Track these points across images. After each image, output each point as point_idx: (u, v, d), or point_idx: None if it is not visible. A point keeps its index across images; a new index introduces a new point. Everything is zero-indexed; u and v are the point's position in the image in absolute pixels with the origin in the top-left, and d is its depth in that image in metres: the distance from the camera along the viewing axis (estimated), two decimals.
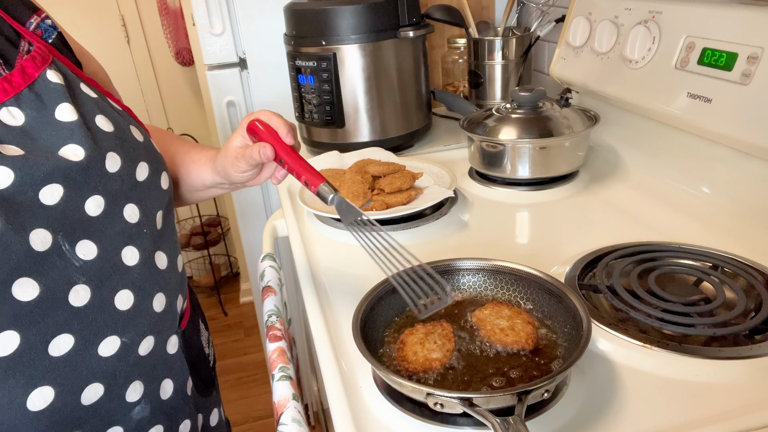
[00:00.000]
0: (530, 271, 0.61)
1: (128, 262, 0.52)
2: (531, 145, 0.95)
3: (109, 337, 0.50)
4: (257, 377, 2.15)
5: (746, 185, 0.81)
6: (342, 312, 0.70)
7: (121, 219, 0.51)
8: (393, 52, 1.13)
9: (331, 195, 0.60)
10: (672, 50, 0.88)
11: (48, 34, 0.55)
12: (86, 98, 0.52)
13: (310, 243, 0.88)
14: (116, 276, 0.51)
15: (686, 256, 0.72)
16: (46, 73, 0.49)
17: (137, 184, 0.53)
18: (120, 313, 0.51)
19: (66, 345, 0.47)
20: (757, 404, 0.51)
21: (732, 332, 0.58)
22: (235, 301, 2.63)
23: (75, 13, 2.27)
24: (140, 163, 0.54)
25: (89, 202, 0.48)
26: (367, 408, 0.54)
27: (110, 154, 0.50)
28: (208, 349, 0.72)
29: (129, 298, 0.52)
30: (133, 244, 0.52)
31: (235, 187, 0.70)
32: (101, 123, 0.51)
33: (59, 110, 0.49)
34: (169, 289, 0.57)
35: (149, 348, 0.55)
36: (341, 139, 1.18)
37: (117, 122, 0.53)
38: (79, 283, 0.47)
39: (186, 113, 2.56)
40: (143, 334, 0.54)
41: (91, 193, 0.49)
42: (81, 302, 0.47)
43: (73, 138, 0.48)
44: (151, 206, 0.55)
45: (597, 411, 0.51)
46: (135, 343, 0.53)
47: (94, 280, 0.49)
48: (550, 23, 1.30)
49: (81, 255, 0.48)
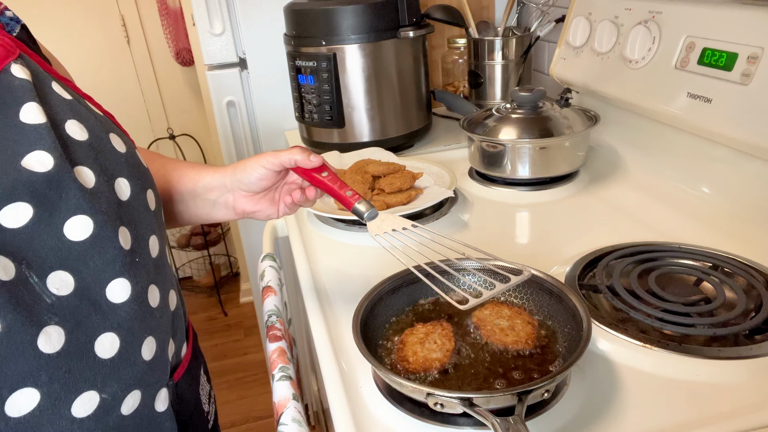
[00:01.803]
0: (530, 271, 0.61)
1: (114, 298, 0.43)
2: (531, 145, 0.95)
3: (86, 393, 0.41)
4: (257, 377, 2.15)
5: (746, 185, 0.81)
6: (342, 312, 0.70)
7: (115, 245, 0.43)
8: (393, 52, 1.13)
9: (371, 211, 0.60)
10: (672, 50, 0.88)
11: (10, 27, 0.47)
12: (58, 99, 0.44)
13: (310, 243, 0.88)
14: (97, 316, 0.41)
15: (686, 256, 0.72)
16: (10, 67, 0.41)
17: (122, 204, 0.45)
18: (101, 362, 0.41)
19: (28, 403, 0.38)
20: (757, 404, 0.51)
21: (732, 332, 0.58)
22: (235, 301, 2.63)
23: (75, 14, 2.27)
24: (119, 179, 0.45)
25: (70, 224, 0.40)
26: (367, 408, 0.54)
27: (80, 169, 0.42)
28: (209, 406, 0.61)
29: (113, 343, 0.42)
30: (125, 276, 0.43)
31: (229, 205, 0.64)
32: (73, 129, 0.43)
33: (24, 111, 0.40)
34: (161, 332, 0.48)
35: (134, 405, 0.45)
36: (341, 139, 1.18)
37: (93, 129, 0.45)
38: (50, 324, 0.38)
39: (186, 113, 2.55)
40: (128, 388, 0.44)
41: (74, 212, 0.40)
42: (53, 348, 0.38)
43: (40, 143, 0.40)
44: (141, 231, 0.47)
45: (597, 411, 0.51)
46: (117, 399, 0.44)
47: (70, 320, 0.40)
48: (550, 23, 1.30)
49: (53, 289, 0.39)
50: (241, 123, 1.44)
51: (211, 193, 0.63)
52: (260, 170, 0.60)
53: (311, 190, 0.63)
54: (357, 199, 0.60)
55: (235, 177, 0.61)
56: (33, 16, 2.20)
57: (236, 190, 0.62)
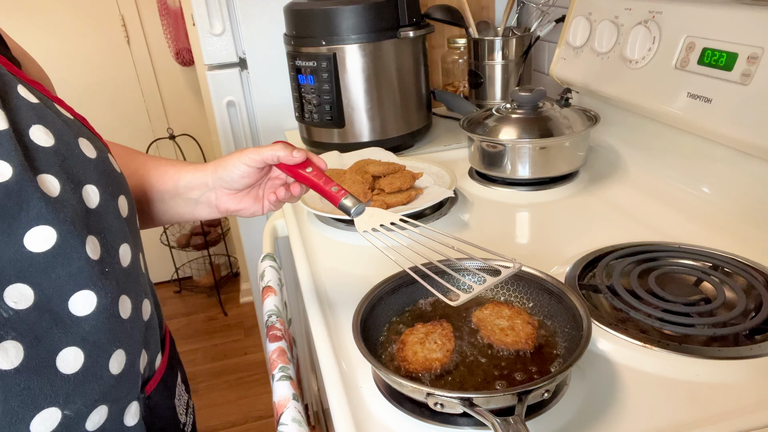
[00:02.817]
0: (530, 271, 0.61)
1: (77, 311, 0.41)
2: (531, 145, 0.95)
3: (47, 410, 0.39)
4: (257, 377, 2.15)
5: (746, 185, 0.81)
6: (342, 312, 0.70)
7: (80, 255, 0.41)
8: (393, 52, 1.13)
9: (358, 206, 0.59)
10: (672, 50, 0.88)
11: None
12: (23, 104, 0.41)
13: (310, 243, 0.88)
14: (59, 330, 0.40)
15: (686, 256, 0.72)
16: None
17: (90, 212, 0.43)
18: (63, 377, 0.40)
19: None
20: (757, 404, 0.51)
21: (732, 332, 0.58)
22: (235, 301, 2.63)
23: (75, 14, 2.27)
24: (86, 186, 0.43)
25: (31, 235, 0.38)
26: (367, 408, 0.54)
27: (45, 176, 0.40)
28: (186, 416, 0.59)
29: (76, 357, 0.41)
30: (92, 288, 0.41)
31: (212, 204, 0.62)
32: (37, 135, 0.41)
33: None
34: (132, 344, 0.46)
35: (100, 421, 0.44)
36: (341, 139, 1.18)
37: (60, 134, 0.43)
38: (6, 339, 0.37)
39: (186, 113, 2.55)
40: (94, 403, 0.43)
41: (35, 223, 0.38)
42: (10, 364, 0.37)
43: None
44: (111, 240, 0.45)
45: (597, 411, 0.51)
46: (81, 415, 0.42)
47: (28, 335, 0.38)
48: (550, 23, 1.30)
49: (11, 303, 0.37)
50: (241, 123, 1.44)
51: (193, 192, 0.61)
52: (242, 167, 0.58)
53: (296, 187, 0.61)
54: (343, 195, 0.58)
55: (217, 175, 0.59)
56: (33, 16, 2.20)
57: (218, 188, 0.60)
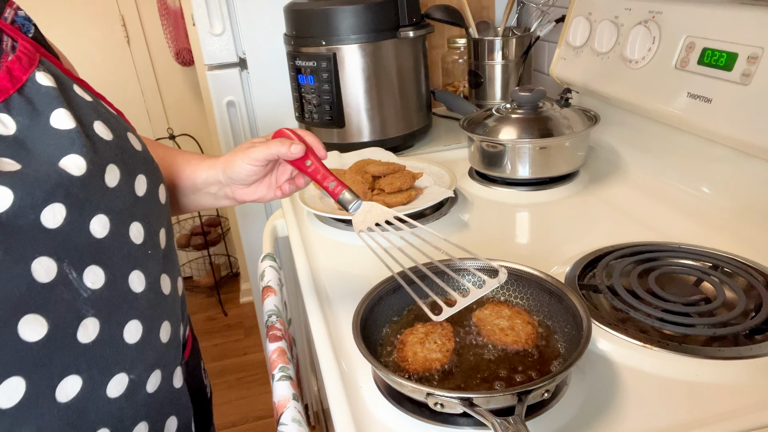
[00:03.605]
0: (530, 271, 0.61)
1: (135, 288, 0.47)
2: (531, 145, 0.95)
3: (118, 375, 0.45)
4: (257, 377, 2.15)
5: (746, 185, 0.81)
6: (342, 312, 0.70)
7: (127, 240, 0.46)
8: (393, 52, 1.13)
9: (355, 202, 0.60)
10: (672, 50, 0.88)
11: (26, 28, 0.48)
12: (82, 102, 0.46)
13: (310, 243, 0.88)
14: (125, 305, 0.46)
15: (686, 256, 0.72)
16: (35, 76, 0.44)
17: (138, 200, 0.48)
18: (128, 347, 0.46)
19: (74, 388, 0.42)
20: (757, 404, 0.51)
21: (732, 332, 0.58)
22: (235, 301, 2.63)
23: (75, 14, 2.27)
24: (138, 176, 0.48)
25: (94, 222, 0.43)
26: (367, 408, 0.54)
27: (110, 167, 0.45)
28: (206, 380, 0.68)
29: (138, 329, 0.47)
30: (140, 268, 0.47)
31: (230, 197, 0.66)
32: (100, 130, 0.46)
33: (55, 116, 0.43)
34: (174, 316, 0.53)
35: (157, 383, 0.50)
36: (341, 139, 1.18)
37: (115, 129, 0.48)
38: (87, 317, 0.42)
39: (186, 113, 2.55)
40: (151, 368, 0.49)
41: (95, 211, 0.43)
42: (89, 338, 0.43)
43: (73, 148, 0.43)
44: (154, 224, 0.50)
45: (597, 411, 0.51)
46: (143, 379, 0.48)
47: (104, 311, 0.44)
48: (550, 23, 1.30)
49: (89, 284, 0.43)
50: (241, 123, 1.44)
51: (211, 188, 0.66)
52: (247, 167, 0.61)
53: (300, 178, 0.65)
54: (341, 191, 0.61)
55: (226, 174, 0.63)
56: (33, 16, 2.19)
57: (231, 184, 0.64)
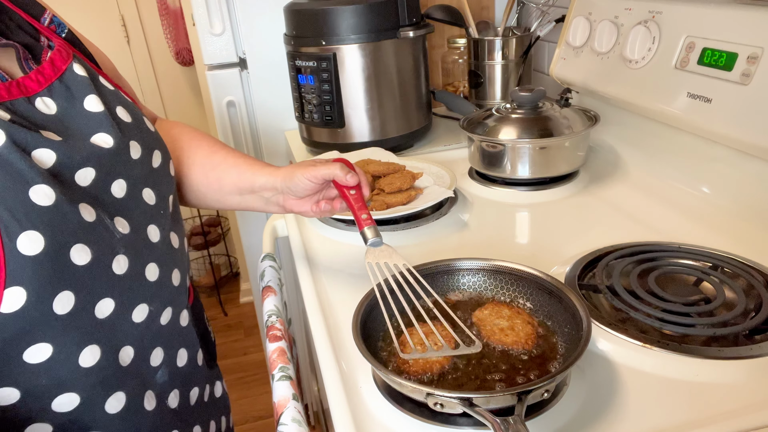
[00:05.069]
0: (530, 271, 0.61)
1: (153, 238, 0.57)
2: (531, 145, 0.95)
3: (141, 305, 0.54)
4: (257, 377, 2.15)
5: (746, 185, 0.81)
6: (342, 312, 0.70)
7: (141, 201, 0.56)
8: (393, 52, 1.13)
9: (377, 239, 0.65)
10: (672, 50, 0.88)
11: (61, 29, 0.57)
12: (107, 90, 0.56)
13: (310, 243, 0.88)
14: (146, 250, 0.55)
15: (686, 256, 0.72)
16: (72, 66, 0.53)
17: (153, 171, 0.58)
18: (149, 283, 0.55)
19: (108, 308, 0.50)
20: (757, 404, 0.51)
21: (732, 332, 0.58)
22: (235, 301, 2.63)
23: (75, 13, 2.27)
24: (155, 151, 0.59)
25: (114, 185, 0.53)
26: (367, 408, 0.54)
27: (132, 143, 0.55)
28: (209, 327, 0.76)
29: (155, 270, 0.56)
30: (155, 223, 0.57)
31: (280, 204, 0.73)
32: (122, 114, 0.56)
33: (87, 101, 0.53)
34: (182, 267, 0.62)
35: (168, 318, 0.59)
36: (341, 139, 1.18)
37: (134, 113, 0.58)
38: (120, 253, 0.51)
39: (186, 113, 2.56)
40: (165, 304, 0.58)
41: (117, 177, 0.53)
42: (121, 270, 0.51)
43: (102, 127, 0.53)
44: (164, 191, 0.60)
45: (597, 411, 0.51)
46: (158, 312, 0.57)
47: (132, 251, 0.53)
48: (550, 23, 1.30)
49: (120, 228, 0.52)
50: (241, 123, 1.44)
51: (265, 193, 0.73)
52: (307, 183, 0.69)
53: (337, 202, 0.72)
54: (368, 224, 0.66)
55: (285, 184, 0.70)
56: None
57: (285, 194, 0.71)
